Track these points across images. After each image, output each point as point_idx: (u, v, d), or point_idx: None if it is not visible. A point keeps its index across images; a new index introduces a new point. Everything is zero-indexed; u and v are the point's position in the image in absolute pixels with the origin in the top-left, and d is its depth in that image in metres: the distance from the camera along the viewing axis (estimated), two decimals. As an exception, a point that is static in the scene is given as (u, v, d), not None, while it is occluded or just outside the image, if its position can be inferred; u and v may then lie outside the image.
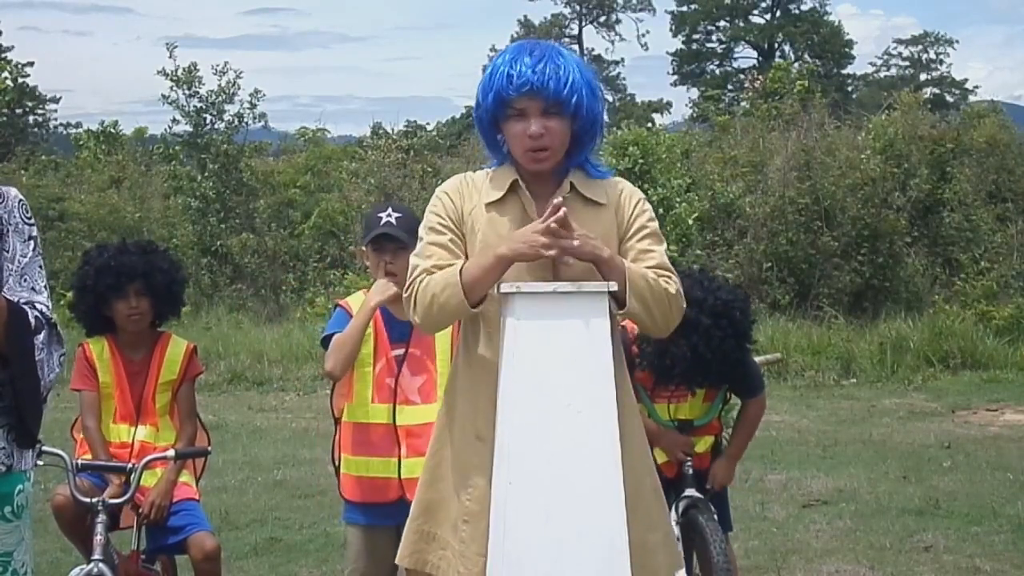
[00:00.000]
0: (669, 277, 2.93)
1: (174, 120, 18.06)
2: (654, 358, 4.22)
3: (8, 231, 2.79)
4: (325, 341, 3.91)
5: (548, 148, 2.89)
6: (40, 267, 2.85)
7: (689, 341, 4.09)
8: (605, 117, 3.05)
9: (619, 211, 2.98)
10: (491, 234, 2.92)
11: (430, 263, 2.91)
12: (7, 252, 2.78)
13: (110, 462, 4.18)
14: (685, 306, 3.00)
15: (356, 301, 3.94)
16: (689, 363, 4.16)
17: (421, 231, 3.03)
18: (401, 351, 3.86)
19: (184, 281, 4.60)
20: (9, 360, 2.69)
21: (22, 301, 2.74)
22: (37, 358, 2.73)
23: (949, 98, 44.93)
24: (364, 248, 3.97)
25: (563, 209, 2.77)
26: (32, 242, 2.83)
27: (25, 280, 2.79)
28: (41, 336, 2.74)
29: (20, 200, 2.84)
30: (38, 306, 2.77)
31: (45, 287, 2.84)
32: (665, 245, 3.03)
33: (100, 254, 4.42)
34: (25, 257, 2.80)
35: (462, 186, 3.03)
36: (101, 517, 3.93)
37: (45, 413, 2.83)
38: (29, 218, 2.84)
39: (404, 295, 2.98)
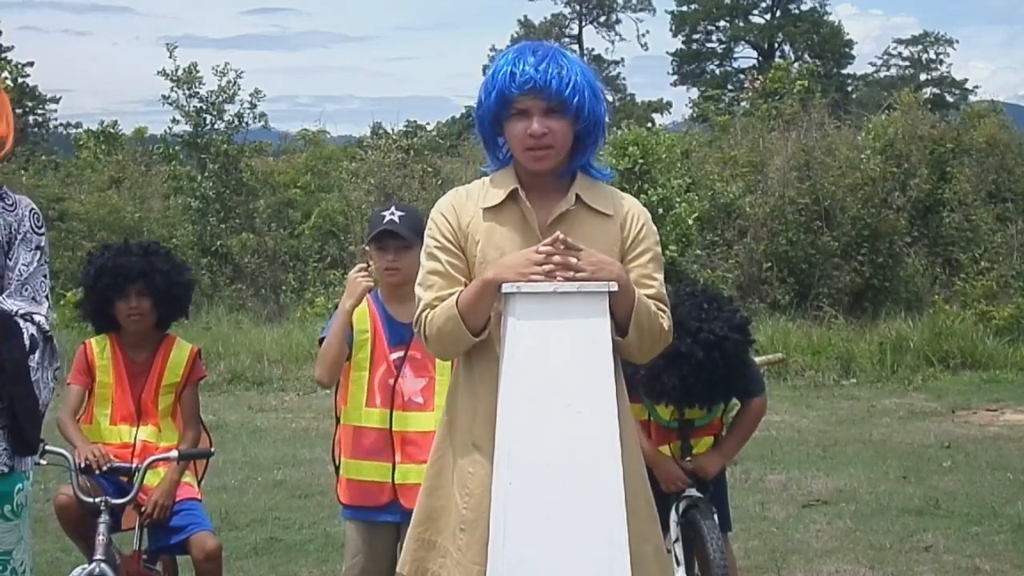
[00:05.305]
0: (663, 312, 2.95)
1: (174, 120, 18.07)
2: (646, 383, 4.17)
3: (16, 240, 2.78)
4: (322, 342, 3.92)
5: (550, 147, 2.88)
6: (45, 276, 2.83)
7: (680, 372, 4.07)
8: (607, 120, 3.04)
9: (624, 226, 2.97)
10: (489, 245, 2.91)
11: (431, 295, 2.91)
12: (11, 261, 2.77)
13: (115, 462, 4.17)
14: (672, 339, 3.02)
15: (356, 301, 3.94)
16: (679, 393, 4.15)
17: (422, 256, 3.00)
18: (401, 353, 3.85)
19: (190, 283, 4.58)
20: (4, 371, 2.68)
21: (20, 312, 2.73)
22: (33, 378, 2.71)
23: (949, 98, 44.84)
24: (367, 248, 3.97)
25: (562, 238, 2.76)
26: (39, 252, 2.82)
27: (26, 290, 2.77)
28: (36, 356, 2.72)
29: (32, 209, 2.84)
30: (36, 318, 2.75)
31: (47, 297, 2.82)
32: (663, 273, 3.02)
33: (102, 254, 4.44)
34: (29, 267, 2.78)
35: (456, 200, 3.00)
36: (104, 517, 3.93)
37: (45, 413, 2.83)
38: (39, 228, 2.83)
39: (415, 330, 2.98)
